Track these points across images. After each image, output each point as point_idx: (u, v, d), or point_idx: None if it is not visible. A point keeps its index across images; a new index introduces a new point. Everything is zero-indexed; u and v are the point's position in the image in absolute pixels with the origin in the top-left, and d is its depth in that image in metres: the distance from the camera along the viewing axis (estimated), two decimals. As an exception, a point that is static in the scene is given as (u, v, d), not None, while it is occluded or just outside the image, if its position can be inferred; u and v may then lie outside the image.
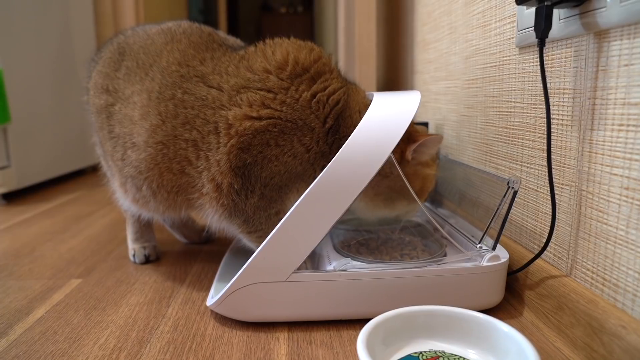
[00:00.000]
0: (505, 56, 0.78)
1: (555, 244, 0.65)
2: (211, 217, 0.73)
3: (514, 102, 0.75)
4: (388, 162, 0.60)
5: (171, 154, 0.71)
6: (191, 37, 0.75)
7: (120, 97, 0.75)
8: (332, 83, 0.70)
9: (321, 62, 0.71)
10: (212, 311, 0.69)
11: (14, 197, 1.55)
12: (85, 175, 2.01)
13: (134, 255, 0.90)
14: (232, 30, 5.52)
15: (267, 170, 0.67)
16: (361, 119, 0.63)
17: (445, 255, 0.70)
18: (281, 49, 0.71)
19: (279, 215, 0.70)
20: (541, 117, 0.67)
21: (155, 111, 0.71)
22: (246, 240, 0.74)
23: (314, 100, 0.68)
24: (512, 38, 0.75)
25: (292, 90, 0.68)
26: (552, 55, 0.64)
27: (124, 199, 0.83)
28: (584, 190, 0.58)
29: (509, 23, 0.76)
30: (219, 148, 0.68)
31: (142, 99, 0.72)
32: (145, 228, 0.93)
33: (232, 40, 0.79)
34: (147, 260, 0.90)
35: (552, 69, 0.64)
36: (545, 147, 0.66)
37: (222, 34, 0.79)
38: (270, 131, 0.66)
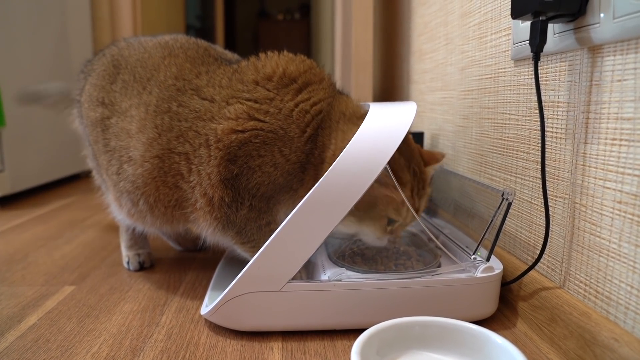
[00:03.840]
0: (501, 68, 0.78)
1: (549, 256, 0.65)
2: (205, 230, 0.73)
3: (508, 114, 0.76)
4: (383, 173, 0.61)
5: (166, 168, 0.71)
6: (188, 51, 0.76)
7: (117, 110, 0.76)
8: (318, 93, 0.70)
9: (311, 72, 0.72)
10: (206, 320, 0.69)
11: (8, 201, 1.54)
12: (79, 180, 2.00)
13: (128, 262, 0.90)
14: (229, 36, 5.54)
15: (252, 181, 0.68)
16: (339, 129, 0.67)
17: (439, 265, 0.71)
18: (271, 62, 0.72)
19: (270, 226, 0.71)
20: (535, 130, 0.68)
21: (152, 124, 0.71)
22: (240, 251, 0.74)
23: (297, 109, 0.69)
24: (508, 51, 0.76)
25: (277, 100, 0.69)
26: (546, 68, 0.65)
27: (119, 212, 0.83)
28: (577, 203, 0.58)
29: (505, 36, 0.77)
30: (210, 161, 0.69)
31: (140, 112, 0.73)
32: (139, 235, 0.92)
33: (230, 54, 0.80)
34: (141, 268, 0.90)
35: (547, 82, 0.65)
36: (539, 160, 0.67)
37: (219, 48, 0.80)
38: (253, 142, 0.67)
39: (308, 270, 0.72)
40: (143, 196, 0.74)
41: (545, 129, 0.65)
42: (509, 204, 0.65)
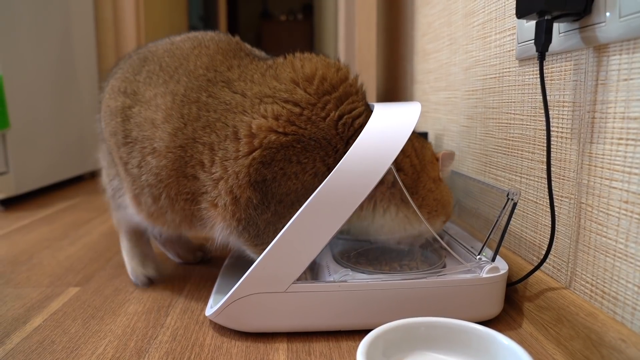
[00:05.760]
0: (505, 68, 0.78)
1: (555, 256, 0.65)
2: (221, 230, 0.71)
3: (513, 113, 0.75)
4: (390, 173, 0.61)
5: (187, 158, 0.69)
6: (220, 43, 0.75)
7: (140, 99, 0.73)
8: (358, 106, 0.69)
9: (348, 83, 0.70)
10: (211, 321, 0.69)
11: (13, 203, 1.54)
12: (84, 181, 2.01)
13: (136, 278, 0.83)
14: (232, 37, 5.54)
15: (284, 187, 0.66)
16: None
17: (444, 266, 0.70)
18: (310, 64, 0.70)
19: None
20: (541, 130, 0.67)
21: (178, 114, 0.69)
22: (250, 252, 0.72)
23: (341, 121, 0.67)
24: (512, 50, 0.75)
25: (318, 107, 0.67)
26: (551, 68, 0.64)
27: (137, 213, 0.78)
28: (583, 203, 0.58)
29: (509, 35, 0.77)
30: (238, 158, 0.66)
31: (166, 101, 0.70)
32: (146, 244, 0.86)
33: (258, 51, 0.78)
34: (150, 283, 0.83)
35: (552, 81, 0.64)
36: (544, 159, 0.67)
37: (248, 45, 0.79)
38: (294, 147, 0.65)
39: (313, 272, 0.72)
40: (165, 189, 0.71)
41: (551, 128, 0.64)
42: (514, 204, 0.65)
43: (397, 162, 0.71)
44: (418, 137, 0.76)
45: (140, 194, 0.74)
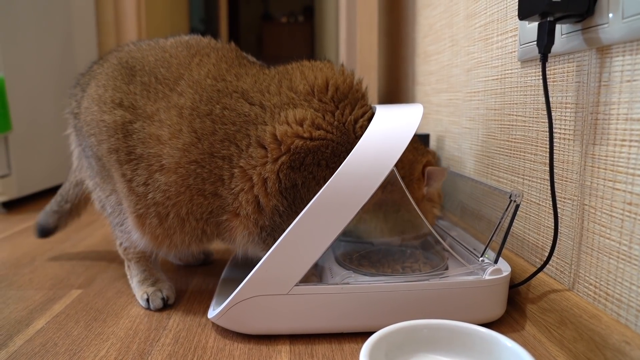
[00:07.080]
0: (507, 69, 0.78)
1: (558, 258, 0.64)
2: (241, 240, 0.69)
3: (515, 115, 0.75)
4: (391, 177, 0.61)
5: (205, 174, 0.66)
6: (220, 50, 0.73)
7: (141, 114, 0.69)
8: (367, 109, 0.70)
9: (354, 89, 0.71)
10: (213, 323, 0.69)
11: (15, 205, 1.55)
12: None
13: (147, 301, 0.74)
14: (233, 39, 5.55)
15: (313, 192, 0.65)
16: None
17: (447, 268, 0.70)
18: (321, 74, 0.70)
19: None
20: (543, 131, 0.67)
21: (188, 128, 0.66)
22: None
23: (358, 125, 0.68)
24: (514, 52, 0.75)
25: (338, 113, 0.68)
26: (554, 69, 0.64)
27: (140, 237, 0.73)
28: (586, 205, 0.58)
29: (511, 37, 0.76)
30: (265, 164, 0.65)
31: (171, 116, 0.67)
32: (154, 262, 0.80)
33: (251, 57, 0.77)
34: (164, 305, 0.75)
35: (555, 83, 0.64)
36: (547, 161, 0.67)
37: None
38: (323, 152, 0.66)
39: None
40: (174, 207, 0.68)
41: (554, 130, 0.64)
42: (517, 206, 0.64)
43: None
44: (416, 148, 0.75)
45: (146, 214, 0.70)
